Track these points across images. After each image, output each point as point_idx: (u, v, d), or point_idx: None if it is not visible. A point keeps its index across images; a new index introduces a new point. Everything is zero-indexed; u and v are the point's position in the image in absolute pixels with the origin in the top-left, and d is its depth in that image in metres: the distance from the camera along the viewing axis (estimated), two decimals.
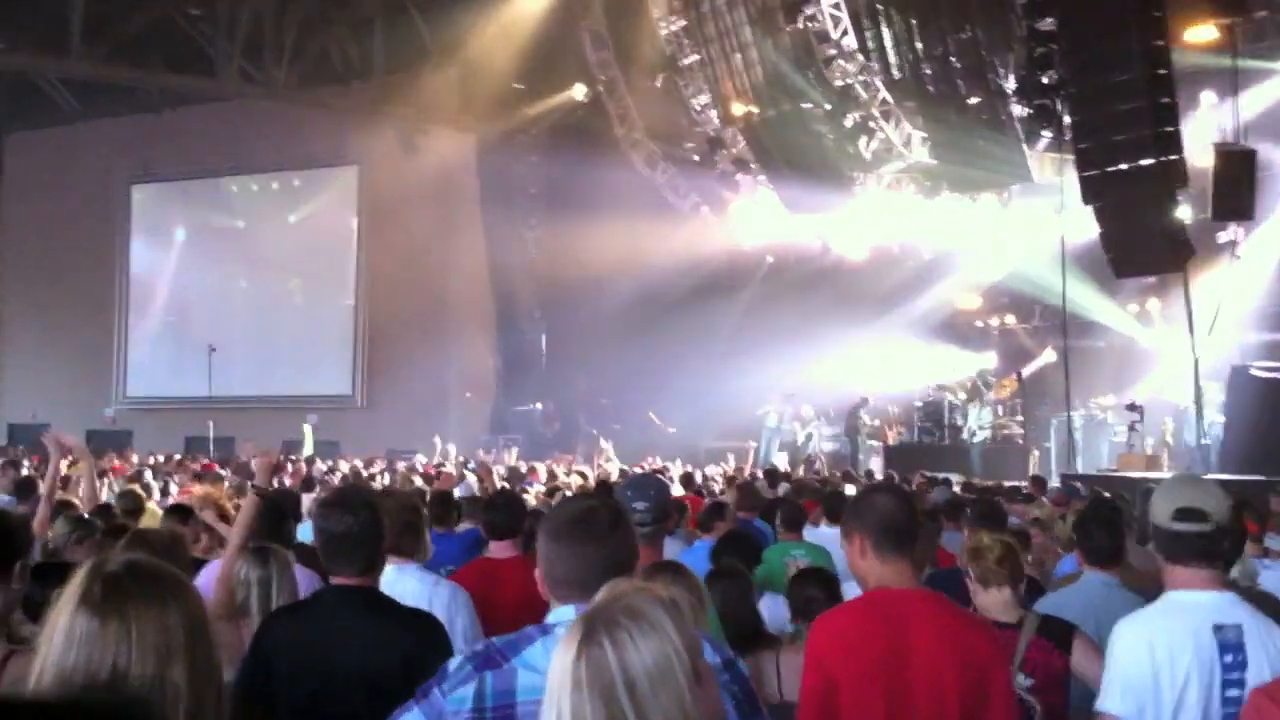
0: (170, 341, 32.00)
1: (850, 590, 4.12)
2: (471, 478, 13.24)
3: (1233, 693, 3.06)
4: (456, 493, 9.41)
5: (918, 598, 3.23)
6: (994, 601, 4.22)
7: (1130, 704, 3.19)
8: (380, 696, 3.17)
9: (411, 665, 3.29)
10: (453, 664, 2.55)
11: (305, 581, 4.60)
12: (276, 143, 30.52)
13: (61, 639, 2.03)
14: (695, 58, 23.33)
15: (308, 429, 25.62)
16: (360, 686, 3.36)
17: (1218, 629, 3.10)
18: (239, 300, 31.67)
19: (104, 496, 9.15)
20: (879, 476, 16.89)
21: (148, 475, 13.70)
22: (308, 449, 24.16)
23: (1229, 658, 3.07)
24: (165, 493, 11.82)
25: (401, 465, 18.30)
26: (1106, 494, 10.27)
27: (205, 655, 2.07)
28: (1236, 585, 3.30)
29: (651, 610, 1.91)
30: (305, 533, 6.07)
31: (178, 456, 20.54)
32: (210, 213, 32.69)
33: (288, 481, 13.13)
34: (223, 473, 14.70)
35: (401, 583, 4.40)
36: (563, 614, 2.55)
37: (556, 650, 1.91)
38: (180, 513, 6.60)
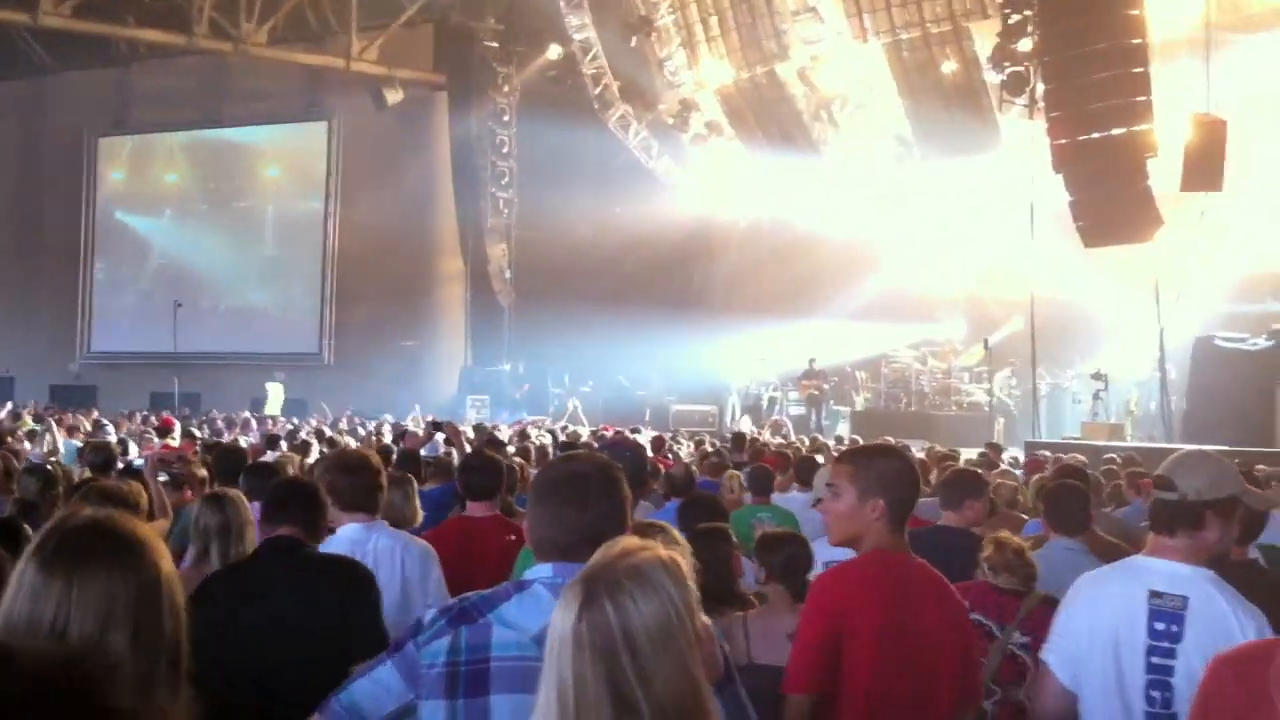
0: (137, 297, 31.75)
1: (823, 551, 4.17)
2: (439, 438, 13.21)
3: (1156, 659, 3.07)
4: (424, 453, 9.38)
5: (914, 562, 3.30)
6: (1003, 573, 4.32)
7: (1059, 656, 3.27)
8: (315, 643, 3.27)
9: (344, 613, 3.47)
10: (427, 617, 2.53)
11: None
12: (247, 98, 30.26)
13: (12, 589, 2.00)
14: (670, 19, 23.19)
15: (276, 387, 25.48)
16: (290, 636, 3.45)
17: (1154, 595, 3.10)
18: (207, 256, 31.43)
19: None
20: (847, 442, 16.95)
21: (110, 433, 13.60)
22: (274, 407, 24.05)
23: (1160, 625, 3.07)
24: (125, 451, 11.73)
25: (371, 425, 18.21)
26: (1076, 459, 10.33)
27: (154, 623, 2.00)
28: (1224, 563, 3.29)
29: (654, 571, 1.89)
30: None
31: (141, 415, 20.34)
32: (180, 167, 32.43)
33: (253, 439, 13.07)
34: (195, 431, 14.62)
35: (371, 540, 4.41)
36: (540, 571, 2.53)
37: (555, 611, 1.88)
38: (134, 474, 6.59)
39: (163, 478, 6.32)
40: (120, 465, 8.04)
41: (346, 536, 4.38)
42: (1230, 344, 16.33)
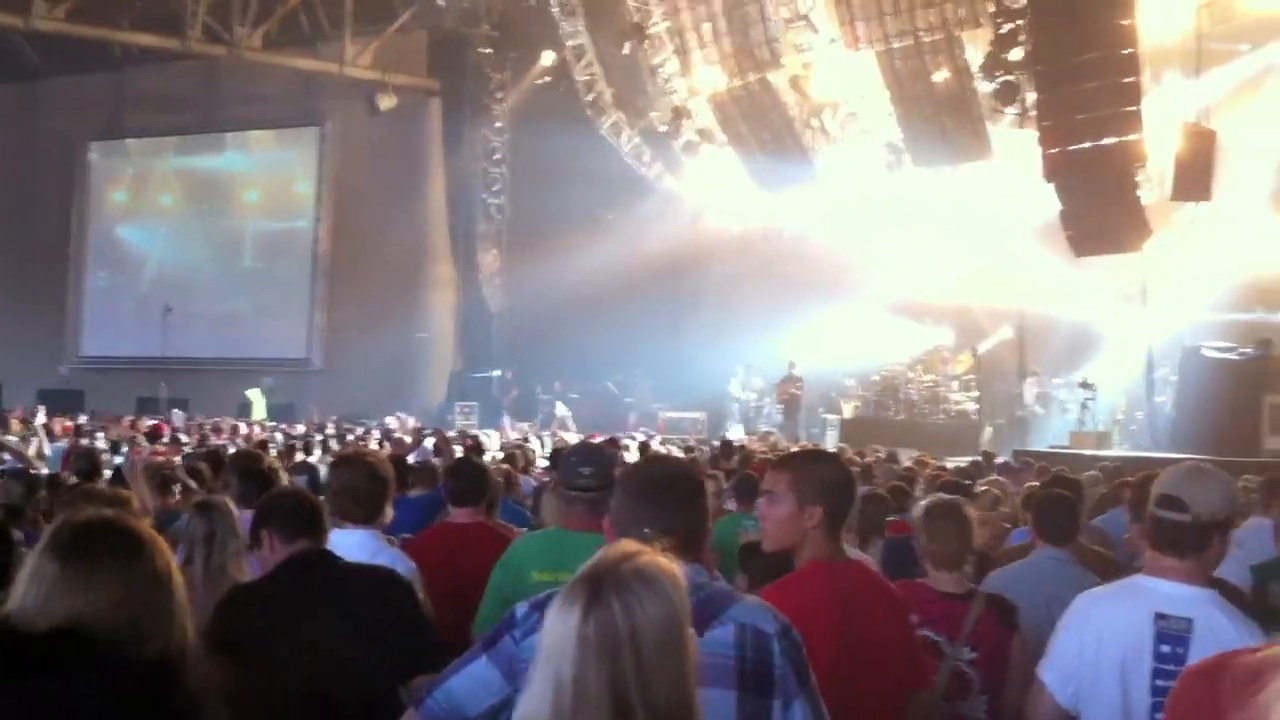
0: (126, 301, 31.69)
1: None
2: (428, 444, 13.21)
3: (1161, 682, 3.02)
4: (412, 458, 9.38)
5: (854, 568, 3.31)
6: (946, 575, 4.24)
7: (1058, 675, 3.24)
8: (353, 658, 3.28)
9: (379, 623, 3.45)
10: (520, 611, 2.53)
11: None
12: (240, 102, 30.26)
13: (26, 580, 2.11)
14: (664, 26, 23.21)
15: (257, 392, 25.42)
16: (330, 650, 3.40)
17: (1160, 617, 3.07)
18: (197, 260, 31.39)
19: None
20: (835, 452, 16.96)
21: (99, 439, 13.57)
22: (258, 412, 24.01)
23: (1166, 648, 3.04)
24: (116, 453, 11.70)
25: (359, 431, 18.19)
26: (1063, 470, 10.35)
27: (166, 610, 2.13)
28: (1224, 585, 3.26)
29: (658, 575, 1.89)
30: None
31: (129, 419, 20.29)
32: (171, 172, 32.40)
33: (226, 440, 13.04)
34: (183, 439, 14.58)
35: (343, 548, 4.36)
36: None
37: (555, 609, 1.87)
38: (121, 479, 6.58)
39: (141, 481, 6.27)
40: (109, 472, 8.02)
41: (354, 543, 4.23)
42: (1218, 354, 16.36)
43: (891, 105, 20.53)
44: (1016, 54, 17.19)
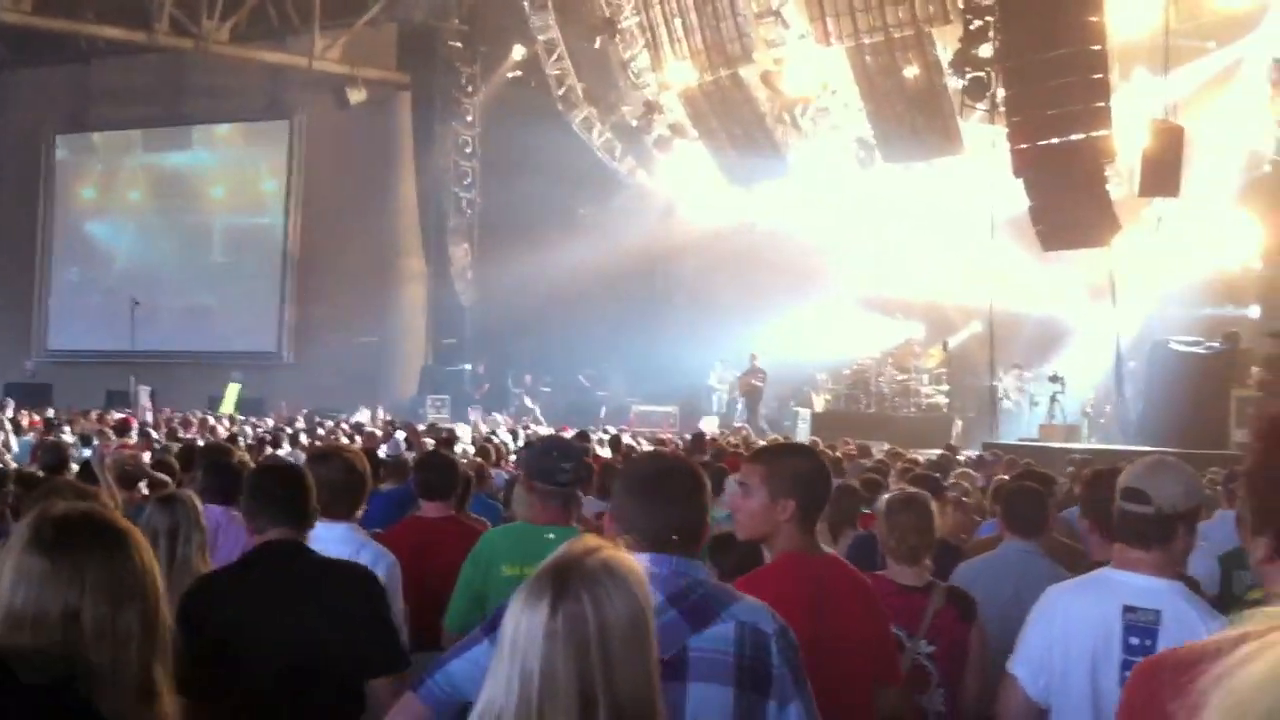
0: (94, 295, 31.41)
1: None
2: (399, 437, 13.17)
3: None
4: (383, 451, 9.35)
5: (828, 561, 3.31)
6: (906, 568, 4.27)
7: (1029, 668, 3.25)
8: (317, 649, 3.27)
9: (346, 617, 3.43)
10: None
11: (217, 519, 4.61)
12: (208, 96, 30.03)
13: (10, 580, 2.06)
14: (634, 21, 23.20)
15: (235, 387, 25.29)
16: (299, 643, 3.39)
17: (1129, 610, 3.09)
18: (166, 255, 31.17)
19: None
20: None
21: (66, 433, 13.46)
22: (228, 406, 23.88)
23: (1135, 640, 3.06)
24: (86, 446, 11.62)
25: (329, 424, 18.10)
26: (1030, 463, 10.42)
27: (154, 604, 2.12)
28: (1186, 579, 3.28)
29: (624, 569, 1.89)
30: None
31: (97, 412, 20.14)
32: (138, 165, 32.16)
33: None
34: (153, 433, 14.46)
35: (322, 542, 4.36)
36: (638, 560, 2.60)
37: (520, 602, 1.86)
38: (89, 473, 6.53)
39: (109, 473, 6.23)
40: (76, 466, 7.96)
41: (336, 537, 4.23)
42: (1186, 348, 16.50)
43: (862, 101, 20.59)
44: (986, 50, 17.26)
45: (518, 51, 26.17)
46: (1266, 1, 16.62)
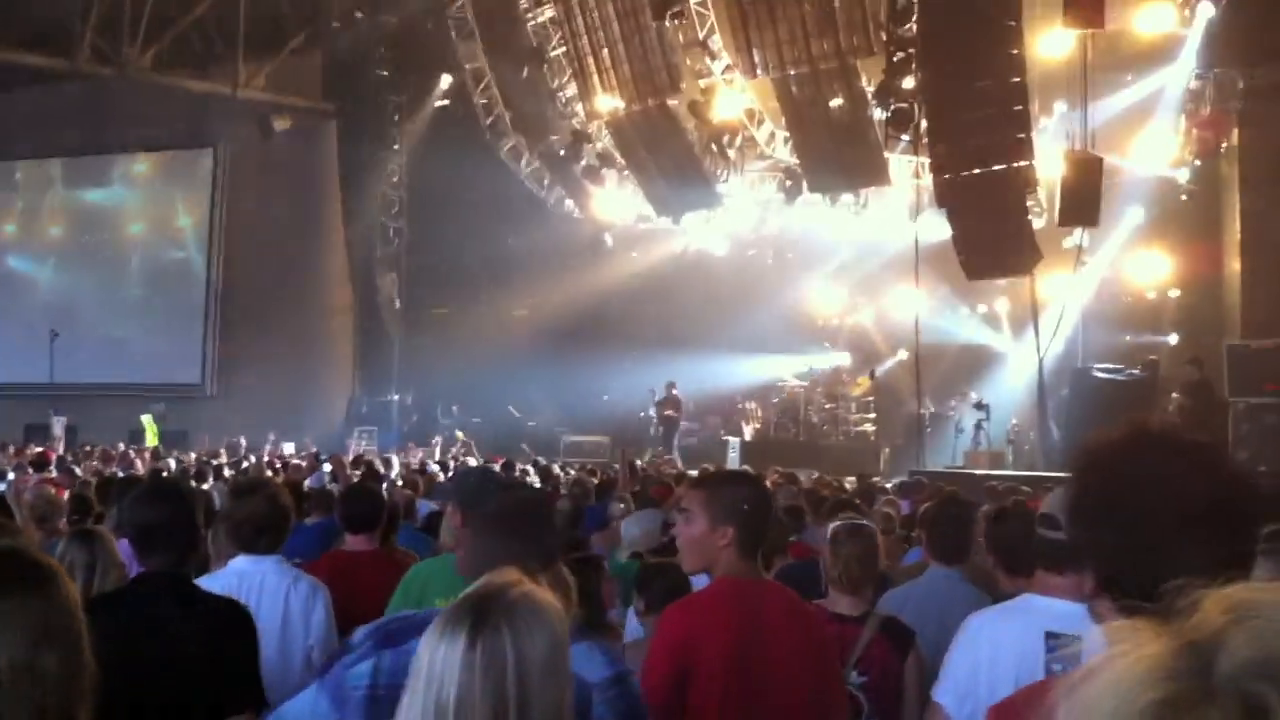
0: (13, 328, 30.72)
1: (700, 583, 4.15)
2: (325, 469, 13.01)
3: None
4: (308, 484, 9.22)
5: (766, 586, 3.30)
6: (846, 598, 4.28)
7: (954, 696, 3.26)
8: (189, 683, 3.17)
9: (219, 653, 3.35)
10: (356, 637, 2.54)
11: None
12: (131, 125, 29.54)
13: None
14: (562, 51, 23.25)
15: (148, 419, 24.85)
16: (169, 676, 3.32)
17: (1051, 636, 3.12)
18: (88, 287, 30.60)
19: None
20: None
21: None
22: (151, 439, 23.48)
23: (1057, 666, 3.06)
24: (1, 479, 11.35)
25: (253, 457, 17.85)
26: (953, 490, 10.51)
27: (77, 645, 2.05)
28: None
29: (544, 604, 1.89)
30: None
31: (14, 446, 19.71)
32: (59, 194, 31.58)
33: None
34: (76, 469, 14.13)
35: (259, 574, 4.32)
36: None
37: (437, 632, 1.85)
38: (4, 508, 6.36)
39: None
40: None
41: (235, 570, 4.29)
42: (1106, 374, 16.77)
43: (789, 131, 20.77)
44: (909, 81, 17.50)
45: (445, 81, 26.12)
46: (1182, 35, 17.01)
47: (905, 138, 18.07)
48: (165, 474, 11.81)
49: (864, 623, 4.21)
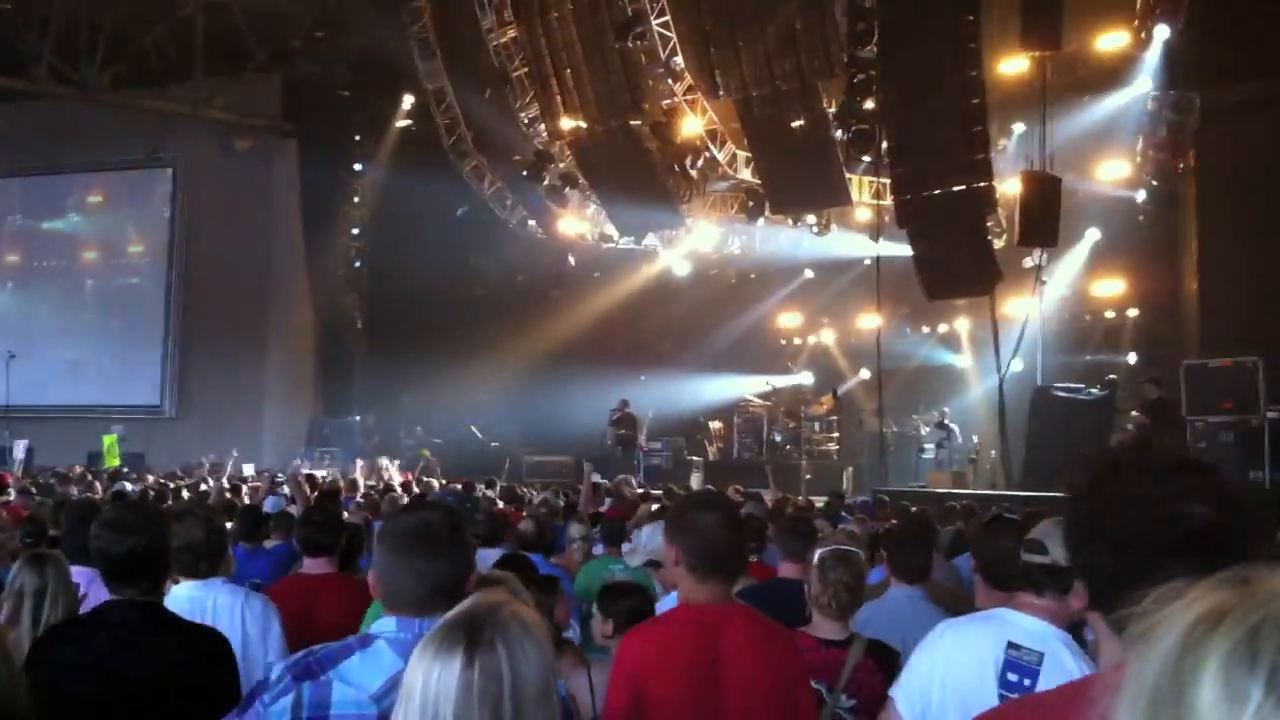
0: None
1: (669, 603, 4.13)
2: (284, 491, 12.86)
3: None
4: (266, 507, 9.12)
5: (730, 613, 3.24)
6: (831, 623, 4.27)
7: (907, 693, 3.27)
8: (163, 713, 3.10)
9: (202, 683, 3.28)
10: (274, 673, 2.49)
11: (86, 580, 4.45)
12: (89, 144, 29.28)
13: None
14: (525, 71, 23.25)
15: (111, 439, 24.56)
16: (142, 703, 3.26)
17: (1012, 646, 3.13)
18: (43, 306, 30.28)
19: None
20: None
21: None
22: (112, 458, 23.21)
23: (1013, 676, 3.09)
24: None
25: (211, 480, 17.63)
26: (915, 510, 10.55)
27: (6, 669, 2.05)
28: (1081, 636, 3.33)
29: (535, 622, 1.87)
30: None
31: None
32: (16, 215, 31.27)
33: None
34: (33, 490, 13.91)
35: (210, 597, 4.26)
36: (384, 626, 2.50)
37: (429, 653, 1.80)
38: None
39: None
40: None
41: (184, 595, 4.22)
42: (1066, 394, 16.88)
43: (751, 151, 20.84)
44: (870, 103, 17.61)
45: (407, 101, 26.06)
46: (1140, 56, 17.20)
47: (866, 159, 18.19)
48: (126, 497, 11.67)
49: (849, 646, 4.21)
